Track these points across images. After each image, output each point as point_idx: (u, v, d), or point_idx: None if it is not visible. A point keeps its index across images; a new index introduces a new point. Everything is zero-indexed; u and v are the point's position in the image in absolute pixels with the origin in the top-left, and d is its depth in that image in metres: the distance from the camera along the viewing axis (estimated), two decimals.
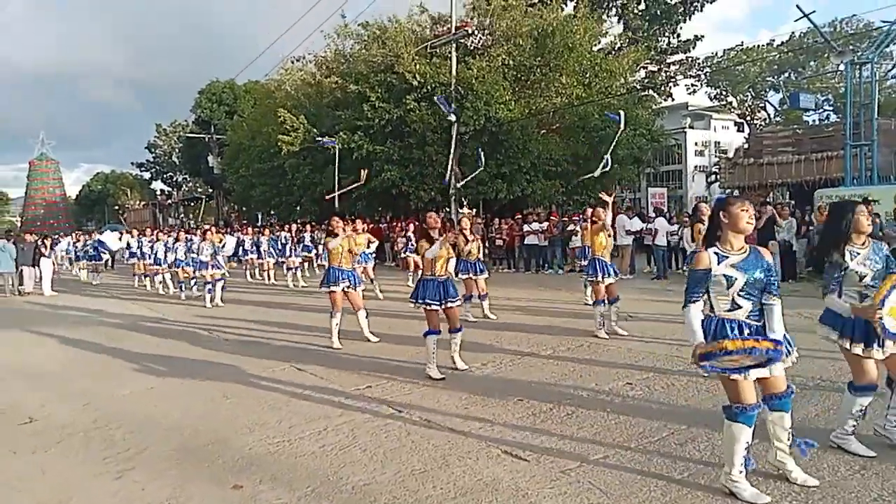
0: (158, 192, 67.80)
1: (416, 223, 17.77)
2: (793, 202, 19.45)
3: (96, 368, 7.62)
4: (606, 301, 8.15)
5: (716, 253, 3.57)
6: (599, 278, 8.08)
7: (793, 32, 40.28)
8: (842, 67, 17.93)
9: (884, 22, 16.70)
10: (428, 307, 6.47)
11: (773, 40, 41.53)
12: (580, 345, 7.70)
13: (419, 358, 7.27)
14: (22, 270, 16.99)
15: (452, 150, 21.27)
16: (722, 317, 3.56)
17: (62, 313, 12.99)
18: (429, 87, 21.02)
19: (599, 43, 25.12)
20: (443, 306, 6.49)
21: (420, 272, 6.88)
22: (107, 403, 6.03)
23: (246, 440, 4.85)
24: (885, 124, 19.18)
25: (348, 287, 8.14)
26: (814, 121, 39.97)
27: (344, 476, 4.11)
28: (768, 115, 46.87)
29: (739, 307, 3.53)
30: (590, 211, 11.65)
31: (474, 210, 22.04)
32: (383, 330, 8.81)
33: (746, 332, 3.50)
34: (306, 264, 18.67)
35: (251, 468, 4.31)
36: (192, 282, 14.64)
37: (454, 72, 21.26)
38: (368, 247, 12.15)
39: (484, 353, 7.46)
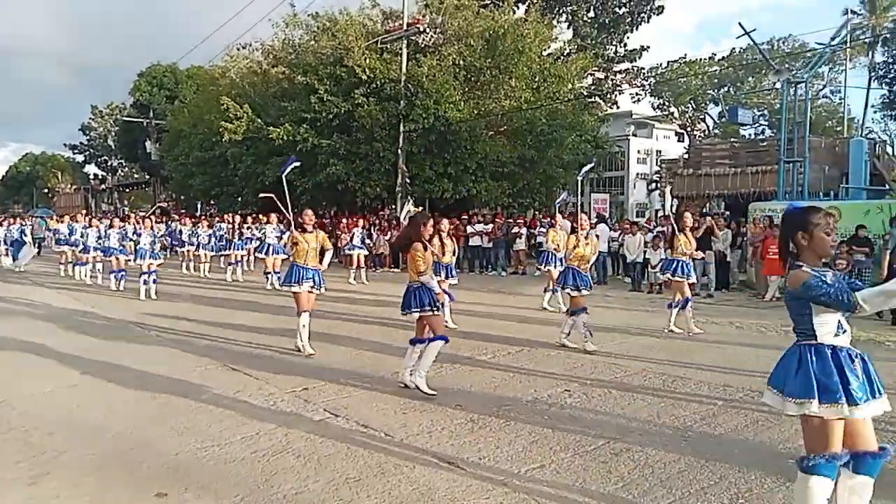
0: (92, 177, 65.08)
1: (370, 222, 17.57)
2: (727, 213, 20.13)
3: (15, 363, 7.19)
4: (578, 310, 7.82)
5: (813, 271, 2.92)
6: (567, 288, 7.98)
7: (733, 48, 41.78)
8: (778, 85, 18.64)
9: (818, 44, 17.43)
10: (433, 313, 5.94)
11: (715, 55, 42.93)
12: (520, 350, 7.73)
13: (357, 360, 7.19)
14: None
15: (400, 147, 21.15)
16: (832, 343, 2.90)
17: None
18: (378, 83, 20.83)
19: (549, 48, 25.42)
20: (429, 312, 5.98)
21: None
22: (25, 402, 5.69)
23: (173, 444, 4.64)
24: (816, 142, 20.04)
25: (312, 287, 7.57)
26: (750, 135, 41.54)
27: (275, 484, 3.97)
28: (707, 126, 48.44)
29: (845, 331, 2.93)
30: (560, 217, 11.71)
31: (420, 208, 22.01)
32: (322, 330, 8.64)
33: (858, 363, 2.89)
34: (248, 258, 18.22)
35: (177, 474, 4.13)
36: (120, 273, 14.06)
37: (404, 68, 21.13)
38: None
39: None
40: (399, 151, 21.28)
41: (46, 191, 67.56)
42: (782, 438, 4.70)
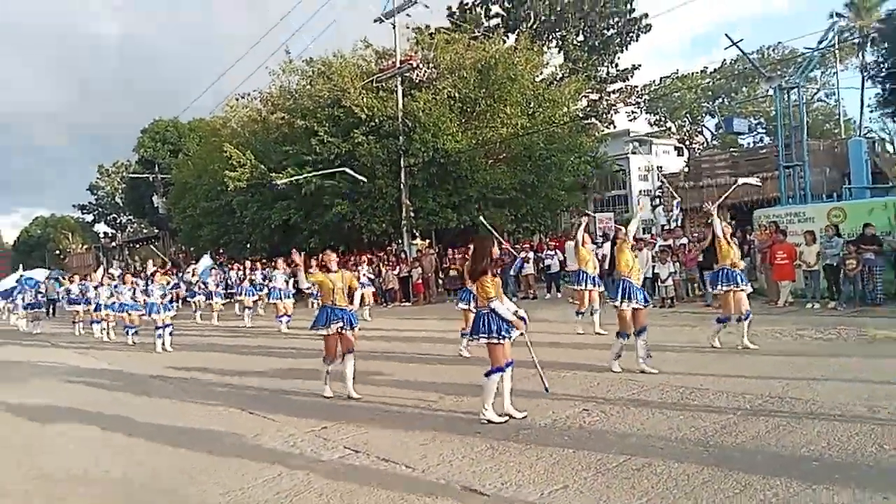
0: (101, 235, 65.77)
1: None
2: (733, 222, 20.11)
3: (35, 421, 7.24)
4: (632, 332, 7.37)
5: None
6: (623, 303, 7.32)
7: (724, 60, 42.14)
8: (771, 92, 18.78)
9: (806, 48, 17.60)
10: (498, 341, 5.70)
11: (706, 68, 43.35)
12: (535, 374, 7.68)
13: (374, 396, 7.17)
14: None
15: (402, 182, 21.36)
16: None
17: None
18: (376, 121, 21.15)
19: (541, 73, 25.76)
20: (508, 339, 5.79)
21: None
22: (47, 457, 5.74)
23: (195, 490, 4.66)
24: (814, 146, 20.12)
25: (342, 328, 7.23)
26: (749, 143, 41.68)
27: None
28: (706, 139, 48.64)
29: None
30: (577, 230, 11.43)
31: (427, 241, 22.13)
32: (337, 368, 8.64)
33: None
34: (260, 303, 18.33)
35: None
36: (134, 329, 14.24)
37: (401, 105, 21.45)
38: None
39: (442, 385, 7.40)
40: (401, 186, 21.50)
41: (58, 252, 68.22)
42: (805, 441, 4.67)
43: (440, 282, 19.96)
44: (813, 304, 12.19)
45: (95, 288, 16.37)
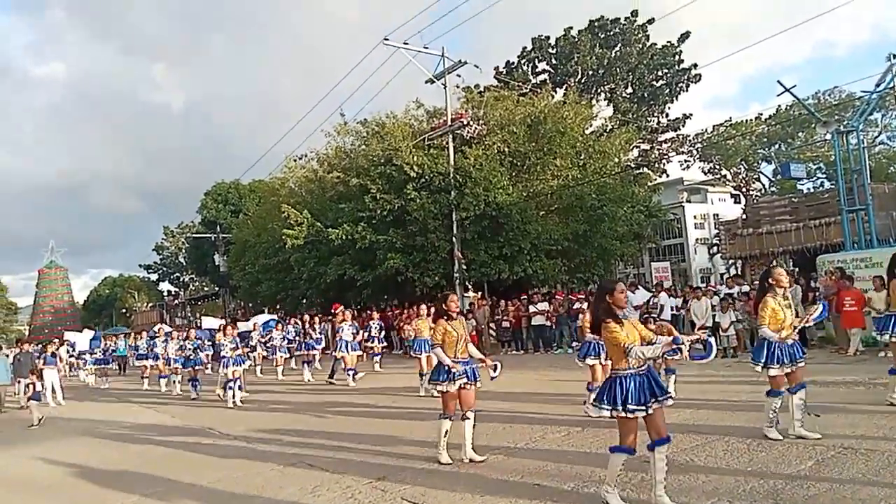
0: (165, 293, 68.20)
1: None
2: (796, 269, 19.52)
3: (103, 476, 7.46)
4: (787, 390, 6.27)
5: None
6: (777, 364, 6.20)
7: (779, 106, 41.55)
8: (828, 137, 18.41)
9: (864, 92, 17.29)
10: (632, 414, 4.67)
11: (761, 114, 42.70)
12: (593, 427, 7.55)
13: (429, 451, 7.13)
14: (20, 382, 16.15)
15: (454, 236, 21.61)
16: None
17: (67, 422, 12.84)
18: (427, 177, 21.60)
19: (591, 126, 25.99)
20: (651, 410, 4.66)
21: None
22: None
23: None
24: (879, 189, 19.50)
25: (466, 383, 6.56)
26: (809, 189, 40.67)
27: None
28: (763, 185, 47.71)
29: None
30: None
31: (479, 293, 22.18)
32: (394, 431, 8.68)
33: None
34: (318, 358, 18.44)
35: None
36: (198, 384, 14.65)
37: (452, 161, 21.88)
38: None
39: (498, 439, 7.33)
40: (454, 239, 21.73)
41: (124, 311, 70.95)
42: (884, 495, 4.44)
43: (493, 333, 19.90)
44: (886, 353, 11.62)
45: (164, 342, 16.90)
